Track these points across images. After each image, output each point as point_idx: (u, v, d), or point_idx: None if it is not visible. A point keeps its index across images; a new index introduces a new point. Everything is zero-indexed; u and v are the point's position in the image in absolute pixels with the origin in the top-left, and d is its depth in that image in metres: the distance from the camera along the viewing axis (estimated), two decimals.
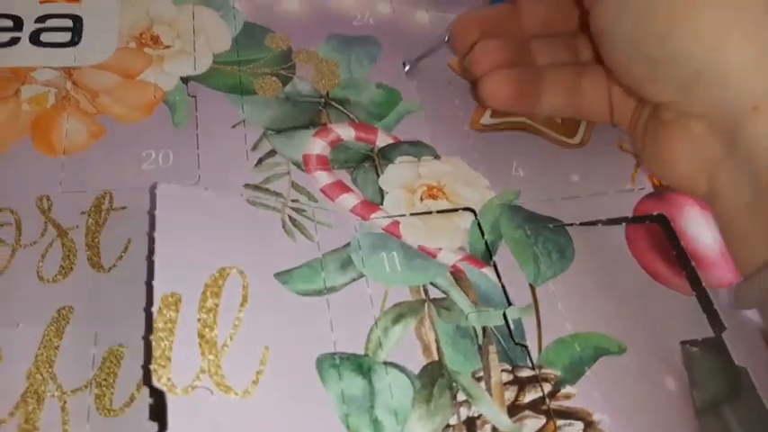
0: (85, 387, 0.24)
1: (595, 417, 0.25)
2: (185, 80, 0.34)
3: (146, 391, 0.23)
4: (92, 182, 0.29)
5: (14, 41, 0.34)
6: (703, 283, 0.29)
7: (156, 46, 0.35)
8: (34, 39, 0.34)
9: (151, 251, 0.24)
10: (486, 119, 0.35)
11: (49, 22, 0.35)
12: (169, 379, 0.21)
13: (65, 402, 0.23)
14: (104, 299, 0.26)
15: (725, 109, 0.25)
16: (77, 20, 0.35)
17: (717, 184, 0.26)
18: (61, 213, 0.28)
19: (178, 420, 0.20)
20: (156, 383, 0.21)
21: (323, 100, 0.34)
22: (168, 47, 0.35)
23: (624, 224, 0.31)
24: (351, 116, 0.34)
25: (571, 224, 0.31)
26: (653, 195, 0.33)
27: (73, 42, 0.35)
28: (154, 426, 0.22)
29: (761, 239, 0.25)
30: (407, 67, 0.36)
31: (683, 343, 0.28)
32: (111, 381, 0.24)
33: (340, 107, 0.34)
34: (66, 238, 0.28)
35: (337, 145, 0.32)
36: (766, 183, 0.24)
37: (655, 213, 0.31)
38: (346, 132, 0.33)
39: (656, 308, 0.29)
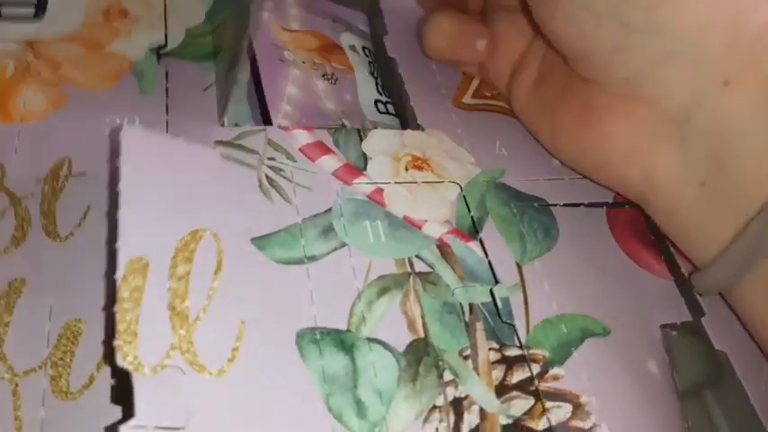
0: (39, 368, 0.21)
1: (583, 399, 0.24)
2: (156, 51, 0.32)
3: (107, 371, 0.21)
4: (50, 150, 0.27)
5: None
6: (682, 269, 0.29)
7: (124, 20, 0.33)
8: None
9: (114, 207, 0.22)
10: (468, 99, 0.34)
11: None
12: (136, 357, 0.19)
13: (16, 385, 0.21)
14: (60, 270, 0.24)
15: (689, 89, 0.24)
16: None
17: (657, 170, 0.26)
18: (15, 181, 0.26)
19: (146, 404, 0.18)
20: (120, 362, 0.19)
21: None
22: (137, 19, 0.33)
23: (605, 207, 0.31)
24: None
25: (555, 204, 0.30)
26: None
27: (36, 17, 0.33)
28: (117, 410, 0.20)
29: (716, 219, 0.25)
30: None
31: (663, 326, 0.27)
32: (68, 360, 0.21)
33: None
34: (19, 207, 0.25)
35: None
36: (737, 148, 0.23)
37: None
38: None
39: (638, 291, 0.28)
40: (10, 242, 0.24)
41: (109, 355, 0.20)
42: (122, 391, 0.20)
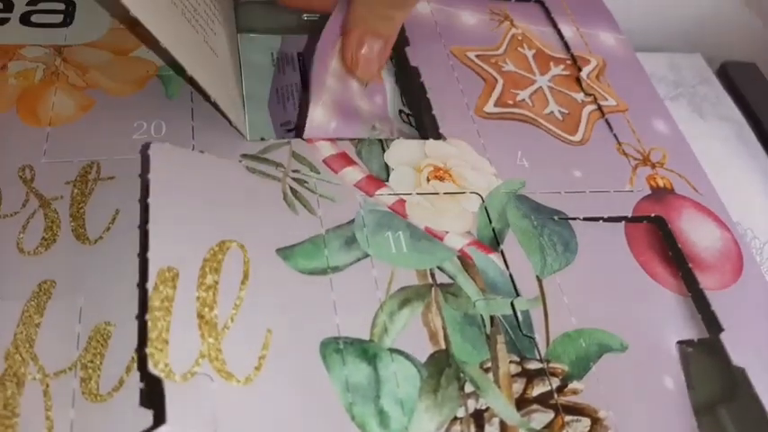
0: (70, 369, 0.22)
1: (601, 413, 0.24)
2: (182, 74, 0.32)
3: (136, 374, 0.22)
4: (78, 152, 0.28)
5: (3, 22, 0.33)
6: (700, 285, 0.29)
7: None
8: (24, 19, 0.33)
9: (144, 220, 0.22)
10: (490, 107, 0.34)
11: (41, 5, 0.34)
12: (167, 365, 0.19)
13: (47, 386, 0.21)
14: (89, 273, 0.24)
15: None
16: (70, 3, 0.35)
17: None
18: (44, 183, 0.26)
19: (177, 411, 0.19)
20: (152, 369, 0.19)
21: None
22: None
23: (624, 222, 0.31)
24: None
25: (575, 218, 0.30)
26: (651, 197, 0.32)
27: (65, 23, 0.34)
28: (146, 413, 0.21)
29: None
30: None
31: (680, 343, 0.27)
32: (98, 362, 0.22)
33: None
34: (48, 209, 0.26)
35: None
36: None
37: (653, 215, 0.31)
38: None
39: (655, 307, 0.28)
40: (40, 244, 0.25)
41: (141, 361, 0.20)
42: (151, 395, 0.21)
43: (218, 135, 0.29)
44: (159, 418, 0.18)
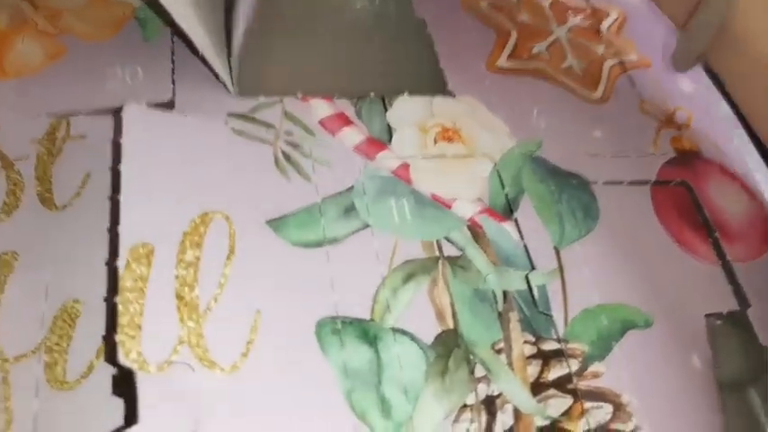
0: (33, 353, 0.19)
1: (624, 398, 0.22)
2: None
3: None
4: (46, 106, 0.25)
5: None
6: (727, 256, 0.26)
7: None
8: None
9: (116, 189, 0.20)
10: (503, 61, 0.31)
11: None
12: (140, 353, 0.17)
13: (7, 372, 0.19)
14: (56, 243, 0.22)
15: None
16: None
17: None
18: (7, 142, 0.24)
19: (151, 406, 0.16)
20: (123, 360, 0.17)
21: None
22: None
23: (649, 185, 0.28)
24: None
25: (595, 182, 0.27)
26: (676, 161, 0.30)
27: None
28: (119, 403, 0.18)
29: None
30: None
31: (708, 316, 0.25)
32: (65, 345, 0.19)
33: None
34: (11, 171, 0.23)
35: None
36: None
37: (678, 180, 0.29)
38: None
39: (682, 277, 0.26)
40: (1, 209, 0.22)
41: (110, 351, 0.18)
42: (125, 383, 0.18)
43: (200, 83, 0.26)
44: (131, 417, 0.16)
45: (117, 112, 0.23)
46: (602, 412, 0.22)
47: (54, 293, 0.20)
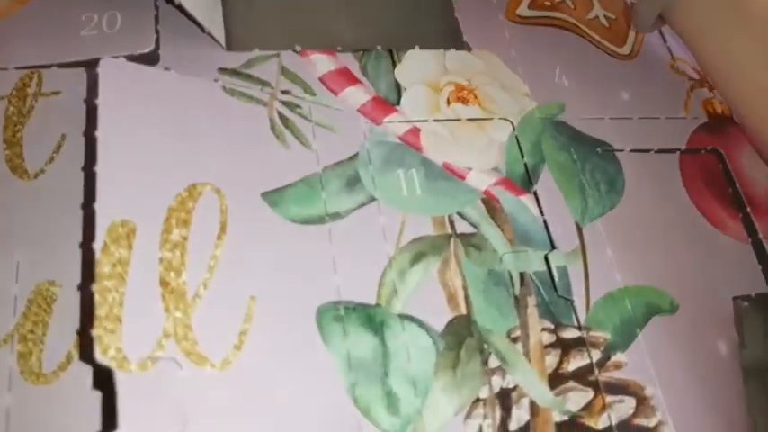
0: (5, 342, 0.17)
1: (648, 391, 0.21)
2: None
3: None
4: (15, 57, 0.22)
5: None
6: (759, 234, 0.24)
7: None
8: None
9: (91, 159, 0.18)
10: (524, 9, 0.28)
11: None
12: (119, 350, 0.15)
13: None
14: (28, 217, 0.19)
15: None
16: None
17: None
18: None
19: (132, 408, 0.14)
20: (99, 358, 0.15)
21: None
22: None
23: (678, 153, 0.26)
24: None
25: (621, 150, 0.25)
26: (708, 127, 0.27)
27: None
28: (99, 397, 0.17)
29: None
30: None
31: (736, 299, 0.24)
32: (40, 333, 0.18)
33: None
34: None
35: None
36: None
37: (708, 148, 0.26)
38: None
39: (711, 256, 0.24)
40: None
41: (86, 347, 0.16)
42: (107, 376, 0.17)
43: (188, 32, 0.23)
44: (109, 422, 0.14)
45: (91, 67, 0.20)
46: (624, 406, 0.20)
47: (26, 274, 0.18)
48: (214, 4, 0.24)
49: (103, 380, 0.17)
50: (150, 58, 0.23)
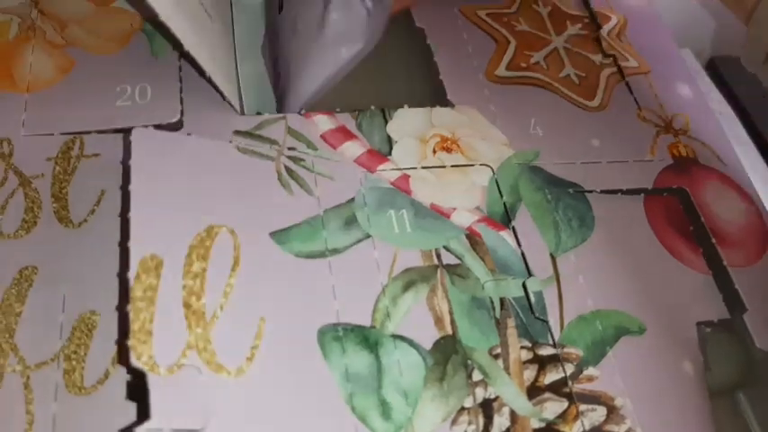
0: (52, 360, 0.21)
1: (617, 402, 0.23)
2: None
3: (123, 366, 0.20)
4: (59, 123, 0.26)
5: None
6: (724, 261, 0.27)
7: None
8: None
9: (126, 207, 0.21)
10: (502, 71, 0.32)
11: None
12: (150, 357, 0.18)
13: (27, 378, 0.20)
14: (74, 258, 0.23)
15: None
16: None
17: None
18: (24, 159, 0.25)
19: (162, 405, 0.17)
20: (134, 362, 0.18)
21: None
22: None
23: (643, 195, 0.29)
24: None
25: (591, 191, 0.28)
26: (674, 168, 0.30)
27: None
28: (132, 407, 0.19)
29: None
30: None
31: (699, 324, 0.26)
32: (83, 354, 0.21)
33: None
34: (29, 188, 0.24)
35: None
36: None
37: (675, 187, 0.29)
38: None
39: (674, 286, 0.27)
40: (20, 226, 0.23)
41: (123, 354, 0.19)
42: (138, 389, 0.20)
43: (208, 102, 0.27)
44: (144, 411, 0.17)
45: (126, 135, 0.24)
46: (596, 414, 0.22)
47: (71, 305, 0.22)
48: (230, 77, 0.28)
49: (136, 391, 0.20)
50: (175, 125, 0.26)
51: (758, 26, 0.26)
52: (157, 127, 0.26)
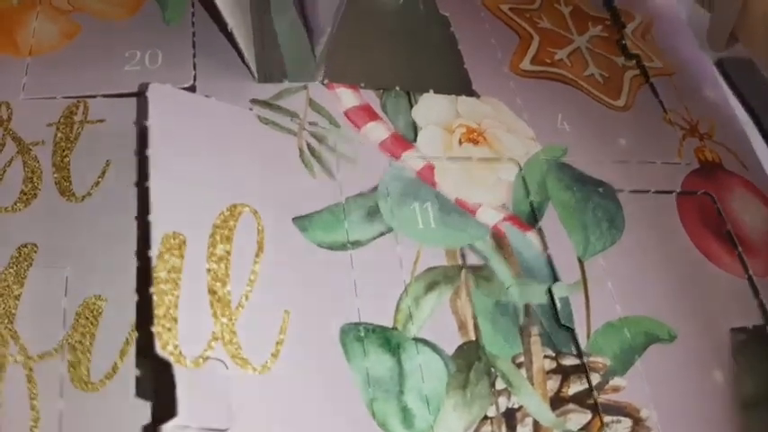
0: (56, 351, 0.19)
1: (643, 413, 0.22)
2: None
3: (131, 359, 0.19)
4: (62, 87, 0.24)
5: None
6: (750, 271, 0.26)
7: None
8: None
9: (143, 175, 0.19)
10: (527, 65, 0.30)
11: None
12: (176, 346, 0.17)
13: (30, 370, 0.18)
14: (77, 235, 0.21)
15: None
16: None
17: None
18: (23, 125, 0.23)
19: (190, 401, 0.16)
20: (160, 351, 0.16)
21: None
22: None
23: (675, 194, 0.28)
24: None
25: (621, 190, 0.27)
26: (700, 172, 0.30)
27: None
28: (143, 405, 0.18)
29: None
30: None
31: (733, 330, 0.25)
32: (88, 343, 0.19)
33: None
34: (28, 156, 0.22)
35: None
36: None
37: (700, 192, 0.28)
38: None
39: (708, 290, 0.26)
40: (18, 199, 0.22)
41: (144, 342, 0.17)
42: (149, 384, 0.18)
43: (223, 68, 0.25)
44: (168, 409, 0.16)
45: (141, 94, 0.22)
46: (620, 427, 0.22)
47: (75, 288, 0.20)
48: (248, 37, 0.26)
49: (150, 386, 0.18)
50: (188, 89, 0.24)
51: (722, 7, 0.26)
52: None
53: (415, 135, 0.26)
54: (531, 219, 0.25)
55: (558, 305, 0.23)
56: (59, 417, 0.18)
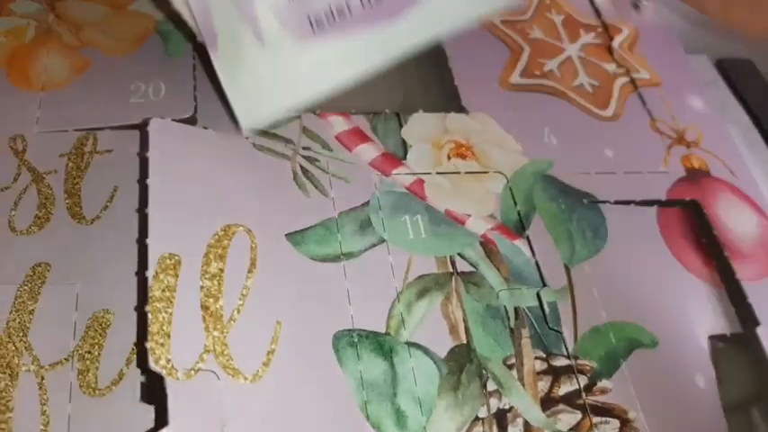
0: (66, 360, 0.20)
1: (631, 414, 0.23)
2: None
3: (137, 367, 0.20)
4: (73, 120, 0.26)
5: None
6: (736, 275, 0.27)
7: None
8: None
9: (143, 202, 0.21)
10: (516, 78, 0.32)
11: None
12: (169, 360, 0.18)
13: (42, 378, 0.20)
14: (87, 255, 0.23)
15: None
16: None
17: None
18: (37, 156, 0.25)
19: (180, 412, 0.17)
20: (153, 366, 0.18)
21: None
22: None
23: (656, 207, 0.29)
24: None
25: (605, 201, 0.28)
26: (687, 180, 0.30)
27: None
28: (148, 409, 0.19)
29: None
30: None
31: (712, 338, 0.26)
32: (96, 353, 0.20)
33: None
34: (42, 184, 0.24)
35: None
36: None
37: (688, 199, 0.29)
38: None
39: (687, 299, 0.27)
40: (33, 222, 0.23)
41: (141, 357, 0.19)
42: (153, 390, 0.19)
43: (222, 100, 0.27)
44: (161, 419, 0.17)
45: (143, 127, 0.24)
46: (609, 427, 0.22)
47: (85, 303, 0.21)
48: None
49: (151, 393, 0.20)
50: (189, 122, 0.26)
51: None
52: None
53: (405, 153, 0.27)
54: (519, 227, 0.26)
55: (547, 309, 0.24)
56: (68, 419, 0.19)
